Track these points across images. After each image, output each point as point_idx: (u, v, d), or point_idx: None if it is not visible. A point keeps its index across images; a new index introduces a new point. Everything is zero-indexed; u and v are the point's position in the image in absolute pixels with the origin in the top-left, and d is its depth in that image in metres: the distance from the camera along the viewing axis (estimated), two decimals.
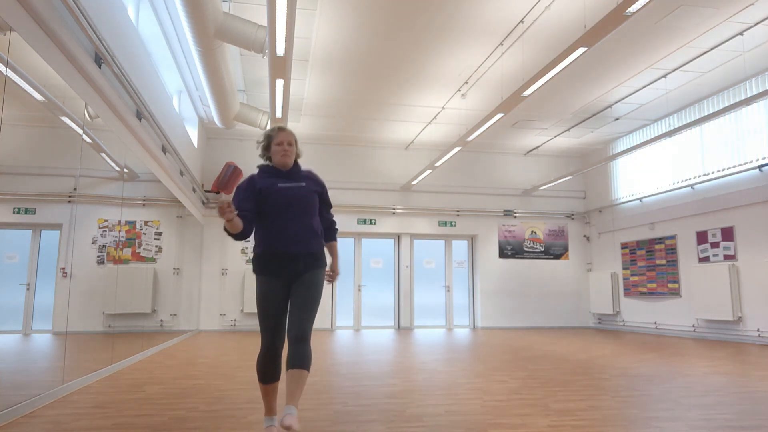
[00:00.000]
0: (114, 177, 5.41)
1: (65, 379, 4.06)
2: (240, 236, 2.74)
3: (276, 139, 2.88)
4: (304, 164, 2.99)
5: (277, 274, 2.73)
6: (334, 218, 3.08)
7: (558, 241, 12.61)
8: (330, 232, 3.02)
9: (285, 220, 2.76)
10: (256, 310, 2.79)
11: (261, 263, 2.77)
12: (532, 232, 12.52)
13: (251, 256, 2.77)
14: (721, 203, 8.98)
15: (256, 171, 2.95)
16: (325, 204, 2.99)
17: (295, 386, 2.54)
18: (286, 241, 2.75)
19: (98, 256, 5.08)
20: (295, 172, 2.91)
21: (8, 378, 3.59)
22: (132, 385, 4.38)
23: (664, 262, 10.29)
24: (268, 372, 2.74)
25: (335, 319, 11.44)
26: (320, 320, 11.17)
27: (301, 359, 2.57)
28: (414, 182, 11.45)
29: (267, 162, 2.95)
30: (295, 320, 2.66)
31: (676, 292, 9.95)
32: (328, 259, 2.94)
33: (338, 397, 3.86)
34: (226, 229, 2.70)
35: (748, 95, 8.08)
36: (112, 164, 5.32)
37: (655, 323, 10.42)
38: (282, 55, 5.47)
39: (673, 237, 10.08)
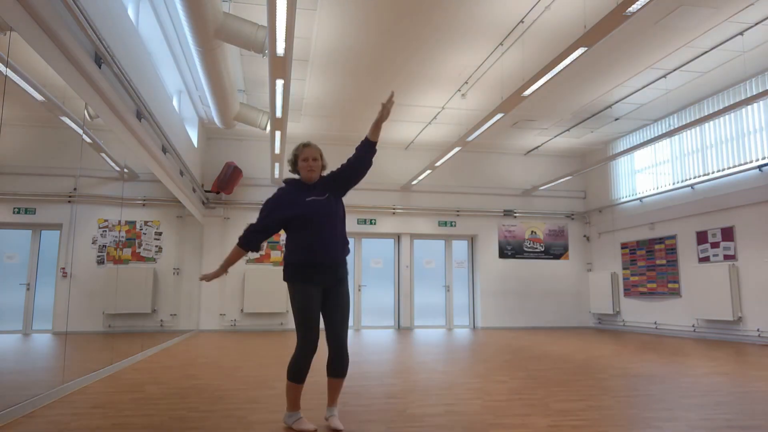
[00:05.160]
0: (114, 177, 5.41)
1: (65, 379, 4.06)
2: (253, 250, 3.12)
3: (302, 156, 3.08)
4: None
5: (313, 281, 2.97)
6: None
7: (558, 241, 12.61)
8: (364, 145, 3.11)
9: (316, 232, 2.98)
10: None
11: (297, 271, 2.99)
12: (532, 232, 12.52)
13: (251, 256, 2.94)
14: (721, 203, 8.98)
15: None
16: (345, 168, 3.13)
17: (336, 392, 3.08)
18: (318, 251, 2.97)
19: (98, 256, 5.08)
20: (320, 184, 3.09)
21: (8, 378, 3.59)
22: (132, 385, 4.37)
23: (664, 262, 10.28)
24: (304, 373, 2.96)
25: None
26: (321, 321, 11.14)
27: (343, 369, 3.04)
28: (414, 182, 11.44)
29: (296, 176, 3.17)
30: (336, 332, 3.02)
31: (676, 292, 9.95)
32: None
33: (338, 397, 3.86)
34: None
35: (748, 95, 8.08)
36: (112, 164, 5.32)
37: (655, 323, 10.42)
38: (282, 55, 5.46)
39: (673, 237, 10.08)
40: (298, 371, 2.93)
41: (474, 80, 8.33)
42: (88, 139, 4.47)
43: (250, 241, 3.04)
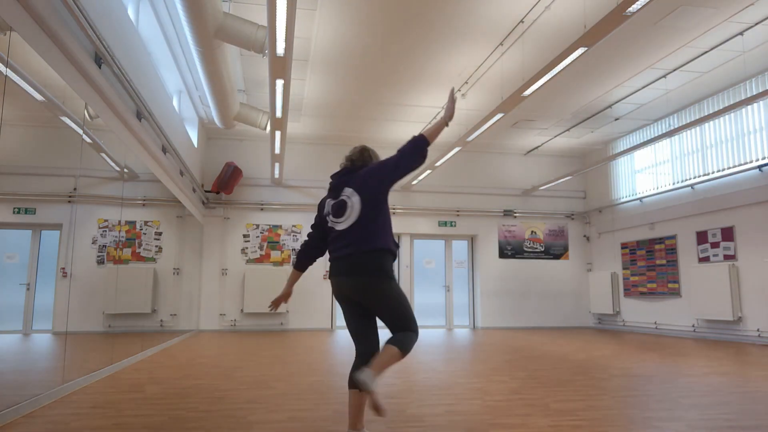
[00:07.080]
0: (114, 177, 5.41)
1: (65, 379, 4.06)
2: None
3: None
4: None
5: None
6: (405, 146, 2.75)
7: (558, 241, 12.60)
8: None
9: None
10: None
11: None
12: (532, 232, 12.52)
13: (251, 256, 2.83)
14: (721, 203, 8.98)
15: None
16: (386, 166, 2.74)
17: (380, 358, 2.64)
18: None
19: (98, 256, 5.08)
20: None
21: (8, 378, 3.59)
22: (132, 385, 4.38)
23: (664, 262, 10.28)
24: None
25: (335, 319, 11.43)
26: (320, 320, 11.17)
27: (396, 340, 2.71)
28: (414, 182, 11.44)
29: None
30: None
31: (676, 292, 9.95)
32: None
33: (338, 397, 3.86)
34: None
35: (748, 95, 8.08)
36: (112, 164, 5.32)
37: (655, 323, 10.41)
38: (282, 55, 5.46)
39: (673, 237, 10.08)
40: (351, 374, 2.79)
41: (474, 80, 8.33)
42: (88, 139, 4.47)
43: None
